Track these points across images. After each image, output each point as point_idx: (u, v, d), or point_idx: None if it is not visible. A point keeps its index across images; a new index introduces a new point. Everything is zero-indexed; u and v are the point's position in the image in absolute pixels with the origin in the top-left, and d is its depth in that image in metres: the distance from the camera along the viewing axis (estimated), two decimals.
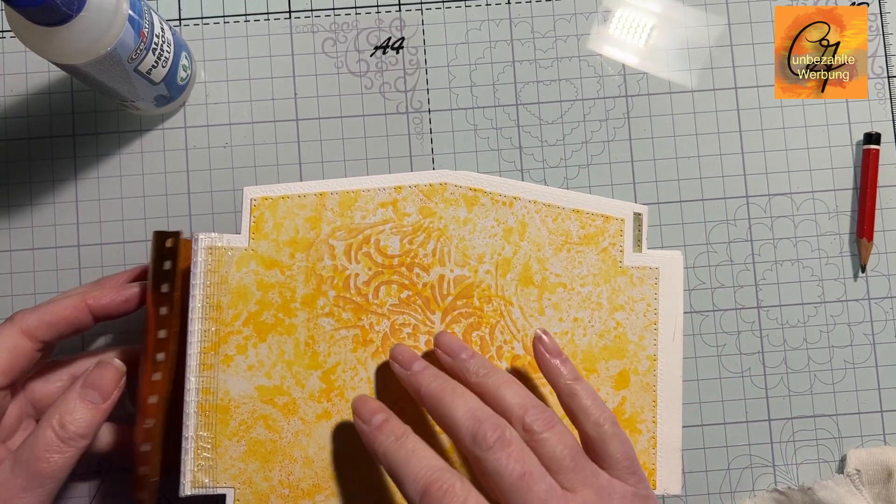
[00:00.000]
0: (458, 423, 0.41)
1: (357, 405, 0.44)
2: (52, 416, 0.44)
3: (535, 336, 0.45)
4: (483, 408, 0.41)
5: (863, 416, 0.54)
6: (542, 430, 0.40)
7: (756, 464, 0.53)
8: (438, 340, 0.45)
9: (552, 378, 0.44)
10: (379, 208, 0.48)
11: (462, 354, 0.44)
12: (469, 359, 0.44)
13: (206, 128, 0.55)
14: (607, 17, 0.56)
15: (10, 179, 0.54)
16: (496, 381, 0.43)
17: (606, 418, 0.42)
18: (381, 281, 0.48)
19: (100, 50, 0.43)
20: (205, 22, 0.55)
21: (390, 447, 0.41)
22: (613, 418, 0.42)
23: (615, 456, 0.41)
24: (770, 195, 0.55)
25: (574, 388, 0.43)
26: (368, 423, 0.43)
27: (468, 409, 0.41)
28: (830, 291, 0.54)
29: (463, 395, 0.42)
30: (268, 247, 0.48)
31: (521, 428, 0.40)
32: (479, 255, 0.48)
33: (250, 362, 0.47)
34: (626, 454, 0.42)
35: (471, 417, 0.40)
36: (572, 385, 0.43)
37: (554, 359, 0.44)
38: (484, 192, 0.48)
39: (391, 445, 0.41)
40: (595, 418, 0.42)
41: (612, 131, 0.55)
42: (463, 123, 0.55)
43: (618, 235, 0.48)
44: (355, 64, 0.55)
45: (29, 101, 0.55)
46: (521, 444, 0.40)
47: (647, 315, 0.48)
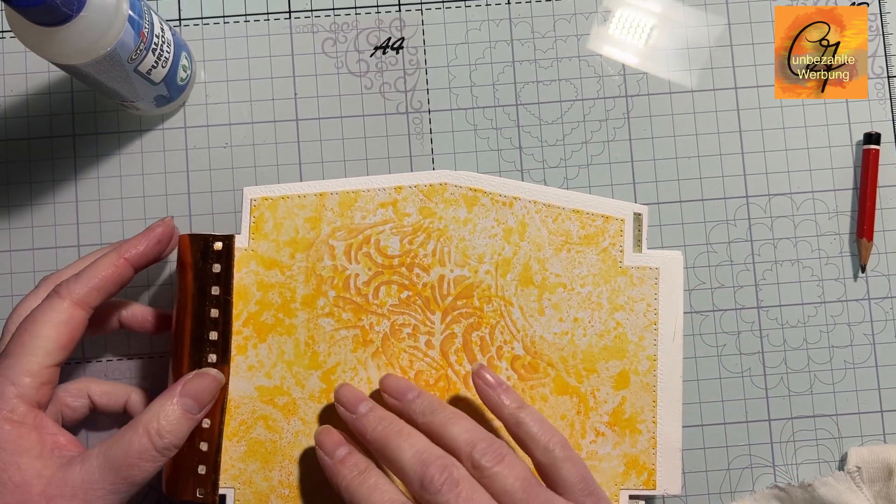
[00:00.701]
0: (405, 467, 0.41)
1: (320, 438, 0.44)
2: (150, 423, 0.42)
3: (474, 372, 0.44)
4: (430, 449, 0.41)
5: (863, 416, 0.54)
6: (492, 464, 0.40)
7: (756, 464, 0.53)
8: (383, 383, 0.45)
9: (496, 410, 0.44)
10: (379, 208, 0.48)
11: (408, 395, 0.44)
12: (415, 399, 0.44)
13: (206, 128, 0.55)
14: (607, 17, 0.56)
15: (10, 179, 0.54)
16: (442, 418, 0.42)
17: (556, 443, 0.42)
18: (381, 281, 0.48)
19: (100, 50, 0.43)
20: (205, 22, 0.55)
21: (353, 481, 0.41)
22: (563, 441, 0.42)
23: (569, 480, 0.41)
24: (770, 195, 0.55)
25: (519, 417, 0.43)
26: (331, 456, 0.43)
27: (415, 451, 0.41)
28: (830, 291, 0.54)
29: (409, 437, 0.42)
30: (268, 247, 0.48)
31: (469, 465, 0.40)
32: (479, 255, 0.48)
33: (250, 362, 0.47)
34: (580, 476, 0.41)
35: (418, 460, 0.40)
36: (517, 413, 0.43)
37: (495, 390, 0.44)
38: (484, 193, 0.48)
39: (353, 479, 0.41)
40: (544, 444, 0.42)
41: (612, 131, 0.55)
42: (463, 123, 0.55)
43: (618, 235, 0.48)
44: (355, 64, 0.55)
45: (29, 101, 0.55)
46: (470, 482, 0.39)
47: (647, 315, 0.48)
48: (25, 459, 0.40)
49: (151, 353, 0.54)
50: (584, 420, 0.48)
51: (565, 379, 0.48)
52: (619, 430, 0.48)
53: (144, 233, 0.47)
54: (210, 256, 0.47)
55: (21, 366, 0.41)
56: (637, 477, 0.48)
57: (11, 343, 0.42)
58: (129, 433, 0.42)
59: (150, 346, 0.54)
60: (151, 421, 0.42)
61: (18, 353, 0.41)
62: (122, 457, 0.41)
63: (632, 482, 0.48)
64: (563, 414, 0.48)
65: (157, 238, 0.47)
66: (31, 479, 0.40)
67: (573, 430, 0.48)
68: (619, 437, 0.48)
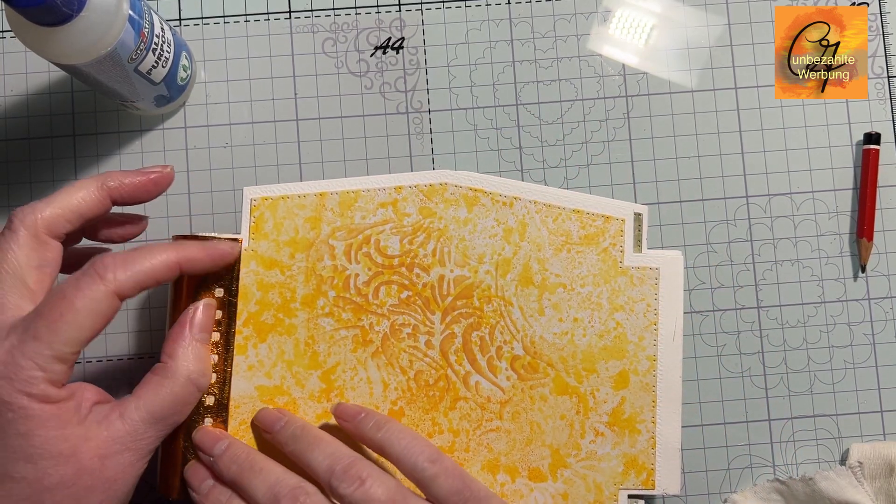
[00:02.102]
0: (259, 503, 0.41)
1: (187, 475, 0.45)
2: (187, 370, 0.43)
3: (333, 414, 0.45)
4: (284, 480, 0.42)
5: (863, 416, 0.54)
6: (352, 489, 0.40)
7: (756, 464, 0.53)
8: (256, 418, 0.46)
9: (359, 437, 0.44)
10: (379, 208, 0.48)
11: (275, 426, 0.45)
12: (280, 430, 0.44)
13: (206, 128, 0.55)
14: (607, 17, 0.56)
15: (10, 179, 0.54)
16: (303, 447, 0.43)
17: (423, 459, 0.42)
18: (380, 281, 0.48)
19: (100, 50, 0.43)
20: (205, 22, 0.55)
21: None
22: (431, 454, 0.42)
23: (441, 494, 0.41)
24: (770, 195, 0.55)
25: (381, 441, 0.43)
26: (197, 492, 0.44)
27: (267, 486, 0.41)
28: (830, 291, 0.55)
29: (261, 472, 0.42)
30: (268, 247, 0.48)
31: (331, 492, 0.41)
32: (479, 255, 0.48)
33: (250, 362, 0.47)
34: (451, 489, 0.41)
35: (270, 495, 0.41)
36: (378, 438, 0.43)
37: (352, 421, 0.44)
38: (484, 193, 0.48)
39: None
40: (410, 464, 0.42)
41: (612, 131, 0.55)
42: (463, 123, 0.55)
43: (618, 236, 0.48)
44: (355, 64, 0.55)
45: (29, 101, 0.55)
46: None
47: (647, 315, 0.48)
48: (69, 430, 0.40)
49: (152, 353, 0.54)
50: (584, 420, 0.48)
51: (565, 379, 0.48)
52: (618, 430, 0.48)
53: (206, 248, 0.45)
54: None
55: (53, 351, 0.39)
56: (636, 477, 0.48)
57: (41, 321, 0.39)
58: (168, 383, 0.42)
59: (151, 347, 0.54)
60: (187, 367, 0.43)
61: (49, 338, 0.39)
62: (170, 407, 0.42)
63: (631, 482, 0.48)
64: (562, 414, 0.48)
65: (215, 256, 0.46)
66: (79, 445, 0.40)
67: (572, 430, 0.48)
68: (618, 437, 0.48)
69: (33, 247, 0.41)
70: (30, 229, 0.41)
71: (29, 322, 0.39)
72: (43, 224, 0.41)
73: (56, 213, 0.41)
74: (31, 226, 0.41)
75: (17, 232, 0.40)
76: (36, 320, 0.39)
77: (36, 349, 0.38)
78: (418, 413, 0.48)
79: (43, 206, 0.41)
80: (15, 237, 0.40)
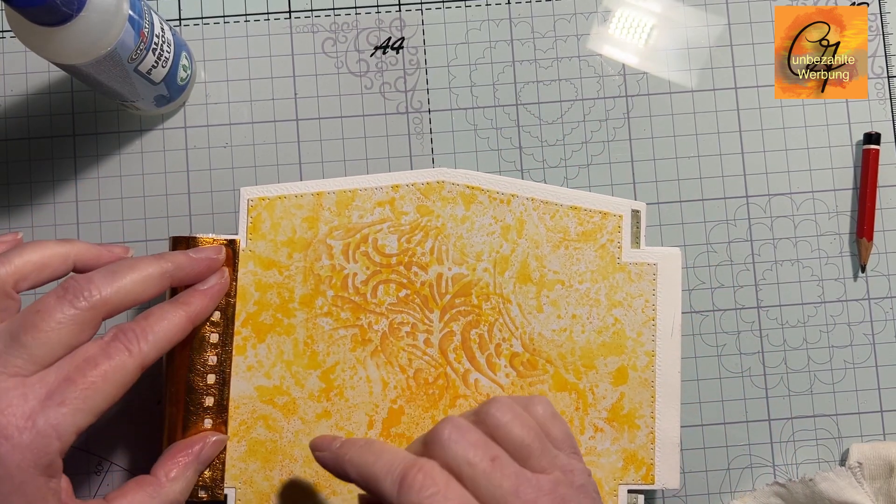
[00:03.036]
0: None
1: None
2: (179, 499, 0.43)
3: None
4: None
5: (863, 416, 0.54)
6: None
7: (756, 464, 0.53)
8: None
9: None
10: (376, 207, 0.48)
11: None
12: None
13: (206, 128, 0.55)
14: (607, 17, 0.56)
15: (10, 179, 0.54)
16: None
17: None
18: (379, 280, 0.48)
19: (100, 50, 0.43)
20: (205, 22, 0.56)
21: None
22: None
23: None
24: (770, 195, 0.55)
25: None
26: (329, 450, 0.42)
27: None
28: (830, 291, 0.54)
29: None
30: (265, 247, 0.48)
31: None
32: (477, 252, 0.48)
33: (249, 363, 0.48)
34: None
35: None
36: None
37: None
38: (481, 190, 0.48)
39: None
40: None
41: (612, 131, 0.55)
42: (463, 123, 0.55)
43: (616, 232, 0.48)
44: (355, 64, 0.56)
45: (29, 101, 0.55)
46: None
47: (646, 311, 0.48)
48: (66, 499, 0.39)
49: None
50: (583, 416, 0.48)
51: (564, 376, 0.48)
52: (617, 426, 0.48)
53: (206, 293, 0.46)
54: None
55: (77, 422, 0.37)
56: (636, 472, 0.48)
57: (70, 388, 0.38)
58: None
59: None
60: (178, 494, 0.43)
61: (76, 406, 0.37)
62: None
63: (630, 477, 0.48)
64: (561, 410, 0.48)
65: (216, 296, 0.46)
66: None
67: (572, 427, 0.48)
68: (617, 433, 0.48)
69: None
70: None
71: (54, 386, 0.38)
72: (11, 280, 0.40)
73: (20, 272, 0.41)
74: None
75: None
76: (65, 387, 0.38)
77: (62, 417, 0.37)
78: (418, 411, 0.48)
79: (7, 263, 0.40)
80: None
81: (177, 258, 0.44)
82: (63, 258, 0.42)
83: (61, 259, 0.42)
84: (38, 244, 0.42)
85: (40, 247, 0.41)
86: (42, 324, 0.38)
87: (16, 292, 0.40)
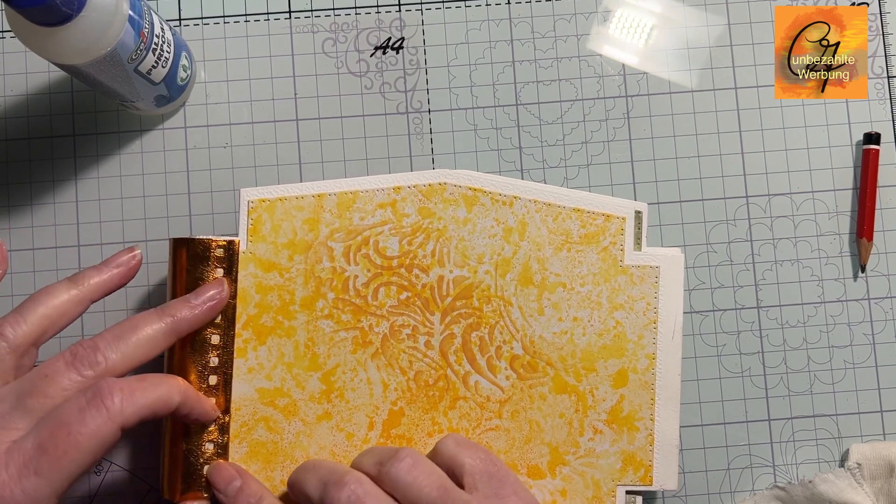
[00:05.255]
0: None
1: (212, 475, 0.45)
2: None
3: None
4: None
5: (863, 416, 0.54)
6: None
7: (756, 464, 0.53)
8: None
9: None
10: (377, 209, 0.48)
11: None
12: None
13: (206, 128, 0.55)
14: (607, 17, 0.56)
15: (10, 179, 0.54)
16: None
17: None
18: (380, 282, 0.48)
19: (100, 50, 0.43)
20: (205, 22, 0.56)
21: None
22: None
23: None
24: (770, 195, 0.55)
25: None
26: (225, 493, 0.44)
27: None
28: (830, 291, 0.54)
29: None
30: (266, 249, 0.48)
31: None
32: (479, 255, 0.48)
33: (250, 365, 0.48)
34: None
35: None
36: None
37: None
38: (483, 192, 0.48)
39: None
40: None
41: (612, 131, 0.55)
42: (463, 123, 0.55)
43: (618, 234, 0.48)
44: (355, 64, 0.55)
45: (29, 101, 0.55)
46: None
47: (647, 314, 0.48)
48: None
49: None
50: (583, 418, 0.48)
51: (564, 378, 0.48)
52: (616, 428, 0.48)
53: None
54: (212, 261, 0.47)
55: (53, 489, 0.37)
56: (634, 473, 0.48)
57: (44, 458, 0.37)
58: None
59: None
60: None
61: (51, 476, 0.37)
62: None
63: (629, 478, 0.48)
64: (561, 412, 0.48)
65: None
66: None
67: (571, 428, 0.48)
68: (616, 435, 0.48)
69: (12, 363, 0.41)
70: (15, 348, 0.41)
71: (29, 455, 0.38)
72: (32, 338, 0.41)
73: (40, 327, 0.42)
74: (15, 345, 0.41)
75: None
76: (38, 456, 0.37)
77: (37, 487, 0.37)
78: (418, 413, 0.48)
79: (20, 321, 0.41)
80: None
81: (179, 311, 0.44)
82: (78, 301, 0.43)
83: (76, 303, 0.43)
84: (50, 294, 0.42)
85: (52, 296, 0.42)
86: (49, 389, 0.39)
87: (36, 349, 0.42)
